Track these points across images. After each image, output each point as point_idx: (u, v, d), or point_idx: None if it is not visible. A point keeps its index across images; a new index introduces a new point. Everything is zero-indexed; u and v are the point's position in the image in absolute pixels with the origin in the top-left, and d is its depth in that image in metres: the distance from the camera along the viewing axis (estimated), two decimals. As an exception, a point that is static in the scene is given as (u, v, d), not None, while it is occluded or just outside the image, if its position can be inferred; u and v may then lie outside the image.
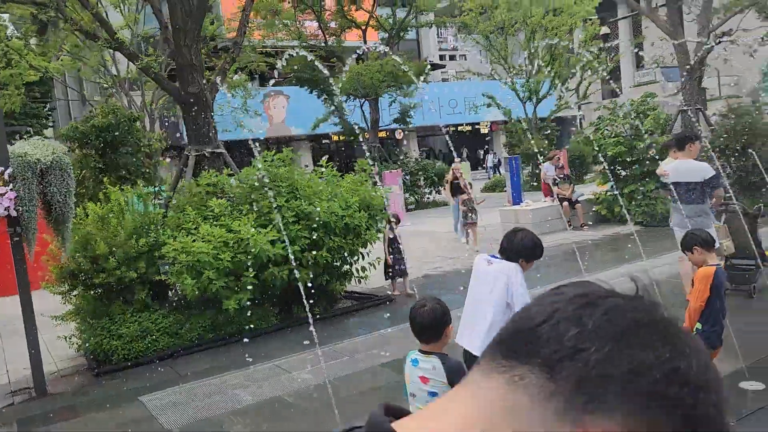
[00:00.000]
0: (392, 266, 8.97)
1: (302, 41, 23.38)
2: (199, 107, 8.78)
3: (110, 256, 7.16)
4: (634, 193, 12.64)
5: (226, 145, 9.33)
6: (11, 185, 6.15)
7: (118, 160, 10.22)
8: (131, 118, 10.41)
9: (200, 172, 8.63)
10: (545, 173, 14.64)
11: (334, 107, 22.73)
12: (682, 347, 0.61)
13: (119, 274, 7.16)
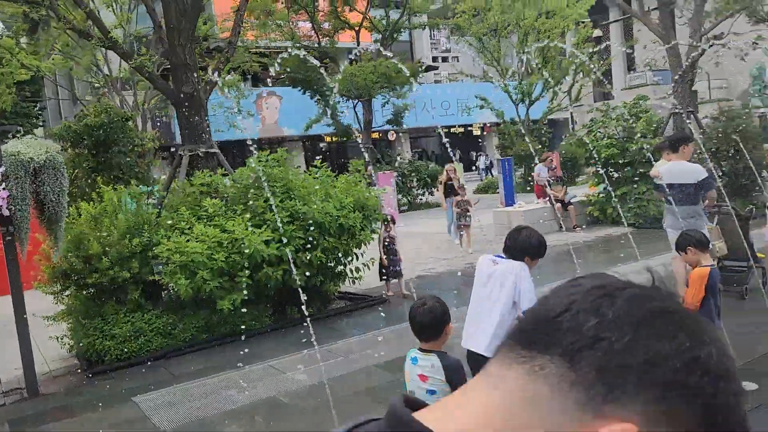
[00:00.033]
0: (387, 267, 8.96)
1: (295, 42, 23.33)
2: (193, 107, 8.76)
3: (103, 255, 7.12)
4: (626, 194, 12.70)
5: (218, 145, 9.29)
6: (4, 184, 6.10)
7: (111, 159, 10.17)
8: (124, 117, 10.36)
9: (194, 172, 8.60)
10: (538, 175, 14.69)
11: (327, 108, 22.71)
12: (701, 336, 0.61)
13: (112, 274, 7.12)
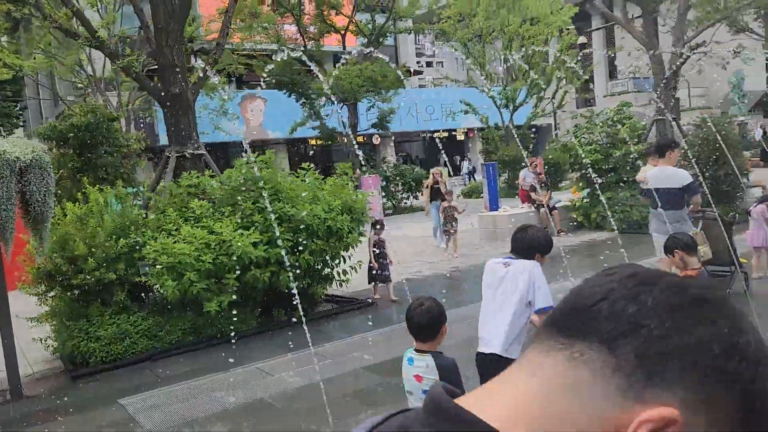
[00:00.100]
0: (377, 271, 8.96)
1: (281, 45, 23.27)
2: (180, 108, 8.71)
3: (89, 256, 7.04)
4: (610, 200, 12.83)
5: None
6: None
7: (96, 160, 10.07)
8: (110, 117, 10.26)
9: (181, 173, 8.54)
10: (523, 180, 14.77)
11: (312, 111, 22.67)
12: (739, 323, 0.63)
13: (98, 275, 7.05)
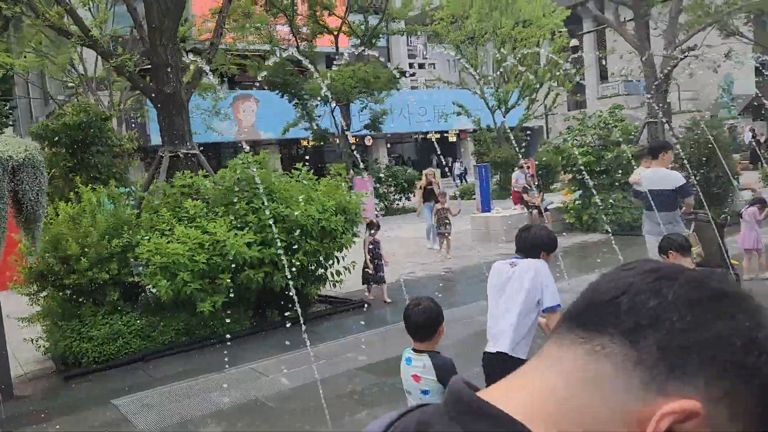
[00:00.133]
0: (372, 272, 8.96)
1: (273, 45, 23.24)
2: (174, 107, 8.68)
3: (82, 256, 7.00)
4: (602, 201, 12.89)
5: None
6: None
7: (89, 159, 10.01)
8: (103, 116, 10.21)
9: (174, 173, 8.51)
10: (516, 181, 14.84)
11: (305, 112, 22.64)
12: (759, 318, 0.63)
13: (91, 275, 7.01)
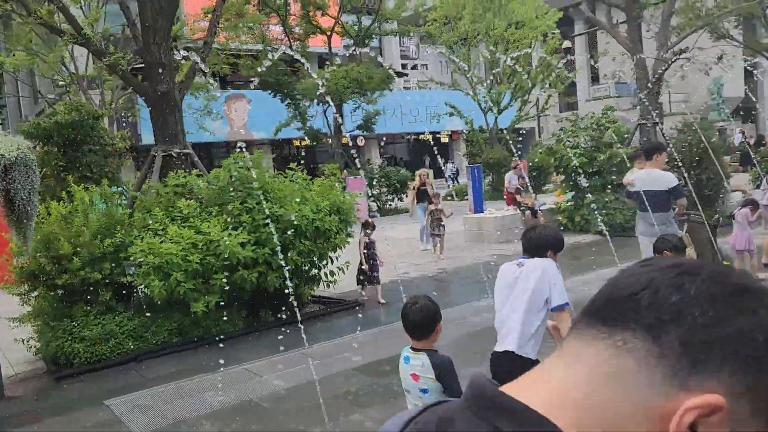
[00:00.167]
0: (368, 273, 8.95)
1: (266, 45, 23.18)
2: (167, 106, 8.63)
3: (74, 256, 6.95)
4: (595, 202, 12.93)
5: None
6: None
7: (81, 158, 9.94)
8: (95, 115, 10.14)
9: (167, 172, 8.46)
10: (509, 182, 14.86)
11: (297, 112, 22.59)
12: None
13: (83, 275, 6.96)
